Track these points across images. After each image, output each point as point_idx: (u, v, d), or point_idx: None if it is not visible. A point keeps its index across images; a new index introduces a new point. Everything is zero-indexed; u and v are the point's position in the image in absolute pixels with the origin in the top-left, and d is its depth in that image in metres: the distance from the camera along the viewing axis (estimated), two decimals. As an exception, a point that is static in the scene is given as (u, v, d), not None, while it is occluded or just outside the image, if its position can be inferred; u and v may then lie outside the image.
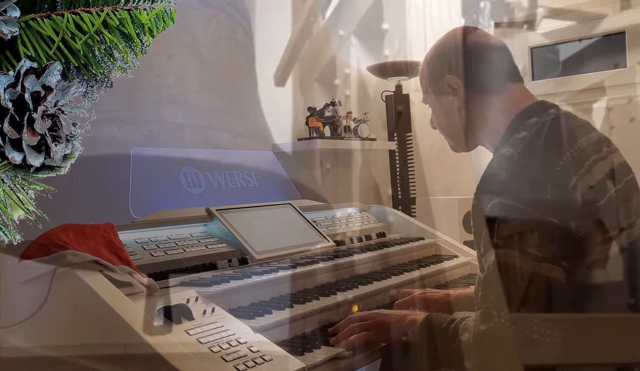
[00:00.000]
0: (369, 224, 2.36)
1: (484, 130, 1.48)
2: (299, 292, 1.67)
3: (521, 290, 1.21)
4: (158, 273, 1.54)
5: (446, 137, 1.59)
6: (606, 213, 1.25)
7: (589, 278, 1.24)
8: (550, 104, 1.43)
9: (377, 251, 2.03)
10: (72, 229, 1.38)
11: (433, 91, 1.55)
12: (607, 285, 1.25)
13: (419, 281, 1.91)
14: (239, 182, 2.18)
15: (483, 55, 1.49)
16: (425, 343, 1.36)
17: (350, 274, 1.88)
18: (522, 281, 1.21)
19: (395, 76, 3.11)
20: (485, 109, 1.47)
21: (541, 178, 1.25)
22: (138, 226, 1.67)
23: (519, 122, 1.39)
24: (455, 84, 1.49)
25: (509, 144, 1.34)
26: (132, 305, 1.22)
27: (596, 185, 1.26)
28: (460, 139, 1.54)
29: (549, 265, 1.21)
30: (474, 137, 1.52)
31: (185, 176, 2.02)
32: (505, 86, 1.47)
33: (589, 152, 1.30)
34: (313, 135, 2.77)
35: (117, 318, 1.17)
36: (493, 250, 1.26)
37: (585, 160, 1.28)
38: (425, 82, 1.58)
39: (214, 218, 1.82)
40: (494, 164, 1.35)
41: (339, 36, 3.11)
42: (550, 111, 1.39)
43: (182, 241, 1.71)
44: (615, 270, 1.25)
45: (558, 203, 1.23)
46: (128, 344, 1.15)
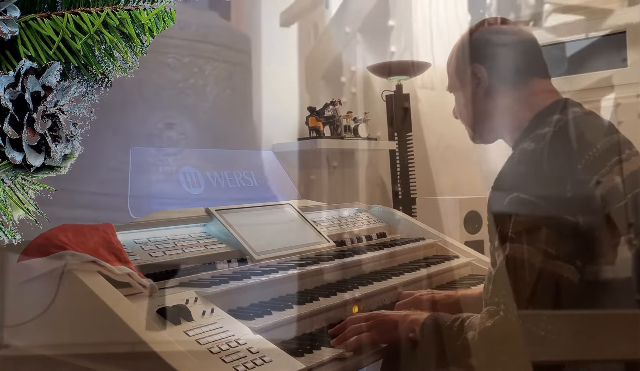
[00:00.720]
0: (370, 224, 2.36)
1: (506, 122, 1.47)
2: (299, 293, 1.66)
3: (532, 287, 1.21)
4: (157, 273, 1.53)
5: (467, 127, 1.58)
6: (624, 215, 1.25)
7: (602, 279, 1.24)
8: (575, 103, 1.43)
9: (377, 252, 2.03)
10: (71, 230, 1.38)
11: (458, 79, 1.55)
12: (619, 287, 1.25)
13: (419, 281, 1.91)
14: (238, 183, 2.18)
15: (510, 46, 1.48)
16: (429, 341, 1.35)
17: (350, 275, 1.87)
18: (534, 278, 1.21)
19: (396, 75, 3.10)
20: (508, 100, 1.46)
21: (561, 175, 1.25)
22: (137, 226, 1.67)
23: (542, 118, 1.38)
24: (480, 72, 1.48)
25: (530, 138, 1.34)
26: (131, 306, 1.21)
27: (616, 186, 1.26)
28: (481, 129, 1.54)
29: (563, 263, 1.20)
30: (494, 129, 1.52)
31: (185, 176, 2.01)
32: (530, 80, 1.46)
33: (611, 153, 1.29)
34: (313, 135, 2.76)
35: (115, 318, 1.17)
36: (507, 245, 1.25)
37: (607, 160, 1.27)
38: (452, 70, 1.57)
39: (213, 218, 1.82)
40: (514, 158, 1.34)
41: (345, 33, 3.10)
42: (575, 109, 1.39)
43: (181, 241, 1.70)
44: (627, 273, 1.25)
45: (577, 202, 1.23)
46: (127, 345, 1.15)
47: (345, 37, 3.09)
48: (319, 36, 2.92)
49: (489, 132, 1.53)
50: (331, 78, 2.88)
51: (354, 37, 3.13)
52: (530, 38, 1.51)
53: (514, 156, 1.35)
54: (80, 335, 1.23)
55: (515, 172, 1.30)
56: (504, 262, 1.25)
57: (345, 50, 3.09)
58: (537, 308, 1.20)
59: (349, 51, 3.13)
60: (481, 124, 1.53)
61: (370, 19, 3.17)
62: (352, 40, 3.12)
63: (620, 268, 1.24)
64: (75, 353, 1.22)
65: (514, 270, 1.23)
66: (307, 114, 2.80)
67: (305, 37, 2.83)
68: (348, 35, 3.10)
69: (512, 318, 1.21)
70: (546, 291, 1.21)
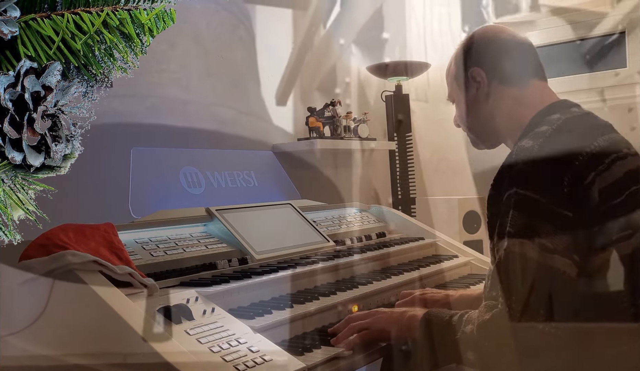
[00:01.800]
0: (369, 224, 2.36)
1: (506, 125, 1.49)
2: (299, 292, 1.67)
3: (530, 281, 1.22)
4: (158, 273, 1.54)
5: (469, 133, 1.60)
6: (621, 212, 1.26)
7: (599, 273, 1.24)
8: (574, 103, 1.45)
9: (377, 251, 2.03)
10: (72, 229, 1.38)
11: (458, 85, 1.56)
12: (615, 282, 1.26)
13: (418, 281, 1.91)
14: (239, 183, 2.18)
15: (508, 48, 1.51)
16: (427, 337, 1.36)
17: (350, 275, 1.87)
18: (532, 272, 1.22)
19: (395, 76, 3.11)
20: (508, 102, 1.48)
21: (559, 171, 1.26)
22: (138, 226, 1.67)
23: (541, 118, 1.40)
24: (479, 76, 1.50)
25: (529, 136, 1.35)
26: (132, 305, 1.22)
27: (614, 183, 1.27)
28: (483, 133, 1.56)
29: (561, 258, 1.21)
30: (496, 133, 1.53)
31: (185, 176, 2.02)
32: (529, 82, 1.48)
33: (609, 151, 1.30)
34: (313, 135, 2.77)
35: (116, 318, 1.17)
36: (506, 240, 1.26)
37: (605, 158, 1.28)
38: (451, 77, 1.59)
39: (213, 218, 1.82)
40: (512, 154, 1.35)
41: (340, 45, 3.12)
42: (573, 109, 1.41)
43: (182, 241, 1.71)
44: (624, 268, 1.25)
45: (574, 197, 1.24)
46: (128, 344, 1.15)
47: (340, 48, 3.12)
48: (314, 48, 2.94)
49: (491, 136, 1.55)
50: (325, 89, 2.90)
51: (349, 49, 3.15)
52: (527, 41, 1.54)
53: (512, 152, 1.36)
54: (81, 335, 1.23)
55: (514, 169, 1.31)
56: (503, 256, 1.26)
57: (339, 62, 3.11)
58: (536, 302, 1.21)
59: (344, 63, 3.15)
60: (483, 128, 1.55)
61: (365, 31, 3.19)
62: (346, 52, 3.15)
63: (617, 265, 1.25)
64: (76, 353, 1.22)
65: (513, 264, 1.24)
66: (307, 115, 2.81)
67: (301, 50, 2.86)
68: (343, 47, 3.13)
69: (510, 312, 1.22)
70: (544, 285, 1.22)
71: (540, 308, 1.21)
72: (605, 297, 1.25)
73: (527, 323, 1.20)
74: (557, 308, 1.21)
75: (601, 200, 1.24)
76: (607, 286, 1.25)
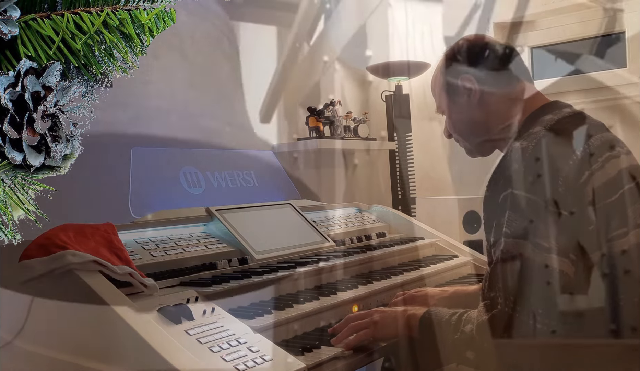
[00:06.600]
0: (369, 224, 2.36)
1: (499, 129, 1.49)
2: (299, 292, 1.67)
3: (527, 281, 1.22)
4: (158, 273, 1.54)
5: (462, 142, 1.59)
6: (616, 211, 1.27)
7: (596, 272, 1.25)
8: (565, 104, 1.46)
9: (377, 251, 2.03)
10: (72, 229, 1.38)
11: (447, 95, 1.55)
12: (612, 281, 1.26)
13: (419, 281, 1.91)
14: (239, 183, 2.18)
15: (495, 53, 1.51)
16: (427, 336, 1.37)
17: (350, 274, 1.88)
18: (529, 272, 1.22)
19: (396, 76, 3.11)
20: (500, 105, 1.48)
21: (553, 171, 1.26)
22: (138, 226, 1.67)
23: (534, 119, 1.41)
24: (469, 82, 1.50)
25: (522, 138, 1.36)
26: (132, 305, 1.22)
27: (608, 182, 1.28)
28: (478, 140, 1.55)
29: (558, 257, 1.22)
30: (489, 139, 1.53)
31: (185, 176, 2.02)
32: (519, 85, 1.49)
33: (602, 150, 1.31)
34: (313, 135, 2.77)
35: (117, 318, 1.17)
36: (502, 240, 1.27)
37: (598, 157, 1.30)
38: (439, 89, 1.58)
39: (214, 218, 1.82)
40: (507, 156, 1.36)
41: (324, 62, 3.15)
42: (565, 110, 1.42)
43: (182, 241, 1.71)
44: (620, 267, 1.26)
45: (569, 197, 1.24)
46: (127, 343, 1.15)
47: (324, 66, 3.14)
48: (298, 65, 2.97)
49: (485, 142, 1.55)
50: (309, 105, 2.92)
51: (332, 66, 3.18)
52: (510, 45, 1.55)
53: (507, 154, 1.36)
54: (80, 334, 1.23)
55: (509, 170, 1.32)
56: (500, 257, 1.26)
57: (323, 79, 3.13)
58: (533, 301, 1.22)
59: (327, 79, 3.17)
60: (477, 134, 1.54)
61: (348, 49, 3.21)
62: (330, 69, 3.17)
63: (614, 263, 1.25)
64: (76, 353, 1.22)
65: (510, 264, 1.24)
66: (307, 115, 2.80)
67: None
68: (326, 64, 3.15)
69: (510, 311, 1.22)
70: (542, 284, 1.22)
71: (538, 307, 1.21)
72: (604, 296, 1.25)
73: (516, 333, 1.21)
74: (554, 307, 1.22)
75: (596, 199, 1.25)
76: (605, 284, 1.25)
